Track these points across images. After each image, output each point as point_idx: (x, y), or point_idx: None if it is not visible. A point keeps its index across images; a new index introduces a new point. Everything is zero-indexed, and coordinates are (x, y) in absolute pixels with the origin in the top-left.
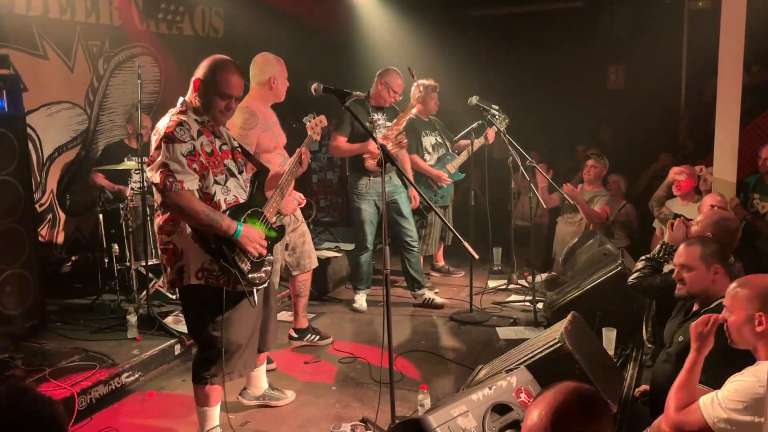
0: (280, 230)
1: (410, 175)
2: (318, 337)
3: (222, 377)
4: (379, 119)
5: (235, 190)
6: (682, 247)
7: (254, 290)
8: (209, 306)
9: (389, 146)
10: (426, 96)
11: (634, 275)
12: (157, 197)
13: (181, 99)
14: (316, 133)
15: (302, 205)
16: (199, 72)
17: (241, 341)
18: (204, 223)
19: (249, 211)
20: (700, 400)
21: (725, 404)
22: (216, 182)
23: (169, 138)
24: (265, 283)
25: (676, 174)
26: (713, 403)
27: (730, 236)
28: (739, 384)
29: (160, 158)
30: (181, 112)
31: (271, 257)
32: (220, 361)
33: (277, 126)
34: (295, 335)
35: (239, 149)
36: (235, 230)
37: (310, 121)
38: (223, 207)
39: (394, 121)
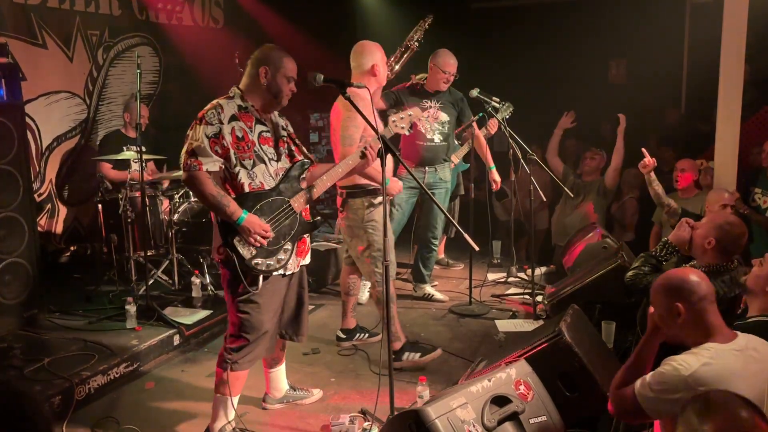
0: (311, 223)
1: (491, 158)
2: (367, 334)
3: (245, 365)
4: (431, 106)
5: (261, 177)
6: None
7: (259, 277)
8: (232, 283)
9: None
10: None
11: (632, 272)
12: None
13: (233, 89)
14: (401, 128)
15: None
16: (263, 60)
17: (267, 324)
18: (211, 205)
19: (269, 200)
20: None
21: (652, 385)
22: (242, 165)
23: (199, 119)
24: (276, 270)
25: (642, 168)
26: (643, 383)
27: (734, 242)
28: (667, 368)
29: (188, 139)
30: (226, 97)
31: (289, 246)
32: (244, 347)
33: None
34: (343, 336)
35: (288, 138)
36: (238, 217)
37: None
38: (247, 190)
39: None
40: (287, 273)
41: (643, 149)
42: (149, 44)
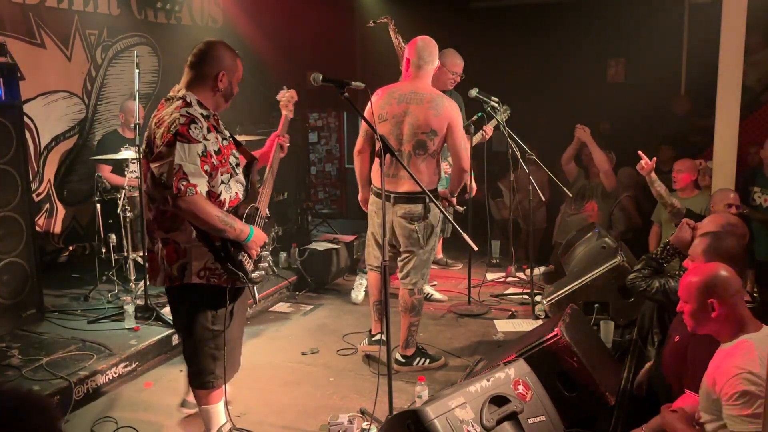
0: (268, 223)
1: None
2: (428, 360)
3: (222, 378)
4: None
5: (235, 187)
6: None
7: (254, 288)
8: (210, 303)
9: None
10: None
11: (633, 275)
12: (155, 193)
13: (182, 92)
14: (290, 111)
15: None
16: (219, 63)
17: (238, 336)
18: (218, 228)
19: (246, 210)
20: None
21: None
22: (222, 182)
23: (184, 137)
24: (262, 279)
25: (641, 169)
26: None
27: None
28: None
29: (172, 158)
30: (187, 105)
31: (266, 253)
32: (221, 359)
33: None
34: (402, 360)
35: (232, 139)
36: (247, 235)
37: (283, 98)
38: (227, 206)
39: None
40: None
41: (639, 152)
42: (148, 44)
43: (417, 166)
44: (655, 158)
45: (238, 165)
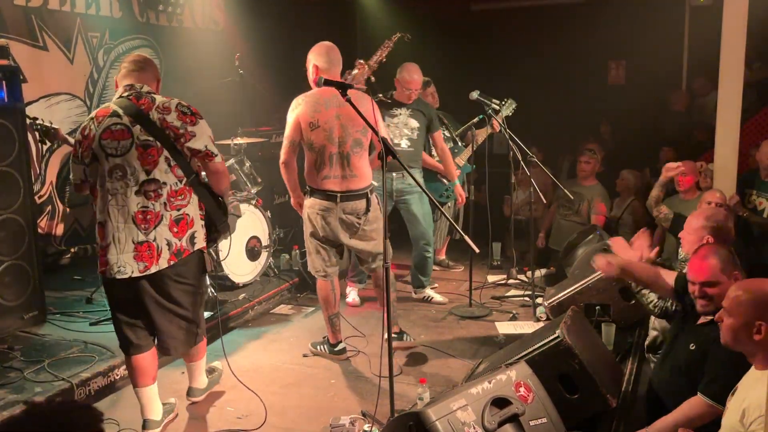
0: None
1: (452, 167)
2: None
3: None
4: (400, 113)
5: None
6: (697, 263)
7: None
8: (204, 268)
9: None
10: (421, 93)
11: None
12: (167, 176)
13: (144, 87)
14: None
15: None
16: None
17: None
18: (229, 186)
19: None
20: None
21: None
22: None
23: (199, 115)
24: None
25: (669, 171)
26: None
27: (724, 231)
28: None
29: (207, 132)
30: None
31: None
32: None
33: None
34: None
35: None
36: None
37: None
38: None
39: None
40: None
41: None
42: (150, 46)
43: (356, 163)
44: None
45: None
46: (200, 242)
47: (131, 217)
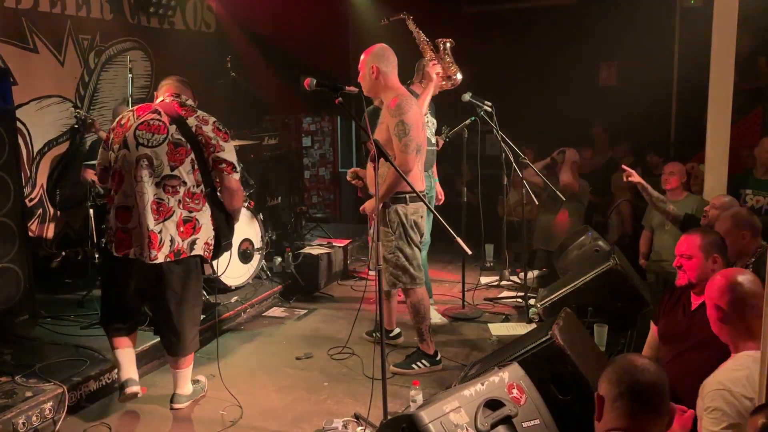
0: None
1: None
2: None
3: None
4: (426, 113)
5: None
6: (682, 237)
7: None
8: (201, 274)
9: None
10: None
11: None
12: (188, 176)
13: (188, 101)
14: None
15: None
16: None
17: None
18: (242, 204)
19: None
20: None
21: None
22: None
23: (231, 138)
24: None
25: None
26: None
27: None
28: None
29: (233, 153)
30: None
31: None
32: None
33: None
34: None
35: None
36: None
37: None
38: None
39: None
40: None
41: (623, 165)
42: (141, 48)
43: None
44: (648, 161)
45: None
46: (198, 250)
47: (149, 204)
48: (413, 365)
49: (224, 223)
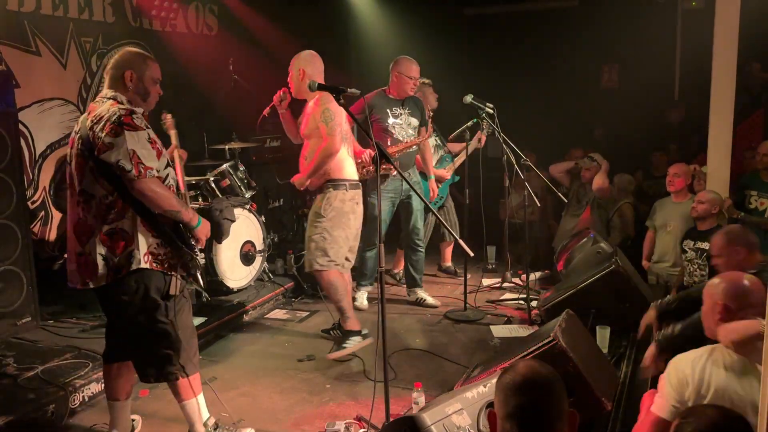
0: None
1: (430, 162)
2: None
3: (188, 368)
4: (402, 113)
5: (172, 179)
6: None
7: (198, 274)
8: (158, 291)
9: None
10: (421, 96)
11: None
12: (97, 188)
13: (110, 93)
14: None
15: None
16: (125, 62)
17: (192, 324)
18: (176, 208)
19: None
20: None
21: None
22: (166, 166)
23: (129, 125)
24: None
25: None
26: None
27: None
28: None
29: (125, 145)
30: (120, 103)
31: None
32: (181, 350)
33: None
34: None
35: None
36: (197, 221)
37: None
38: None
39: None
40: None
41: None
42: (143, 51)
43: None
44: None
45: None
46: (141, 263)
47: (72, 226)
48: (344, 345)
49: (163, 229)
